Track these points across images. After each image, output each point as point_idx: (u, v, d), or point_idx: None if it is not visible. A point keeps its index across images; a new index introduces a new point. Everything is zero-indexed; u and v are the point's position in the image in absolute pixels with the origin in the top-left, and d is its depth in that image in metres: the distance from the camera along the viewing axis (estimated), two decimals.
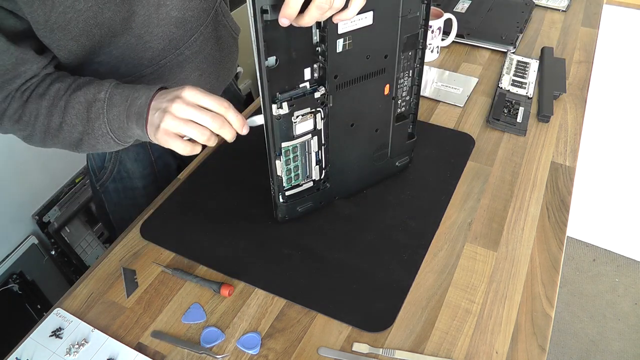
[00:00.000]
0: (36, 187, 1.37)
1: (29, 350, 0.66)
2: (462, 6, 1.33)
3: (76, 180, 1.47)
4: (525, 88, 1.05)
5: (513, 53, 1.17)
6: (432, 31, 1.12)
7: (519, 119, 0.98)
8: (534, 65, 1.11)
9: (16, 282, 1.29)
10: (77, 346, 0.66)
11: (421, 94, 0.91)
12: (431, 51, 1.16)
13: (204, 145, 0.65)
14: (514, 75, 1.09)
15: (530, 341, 0.65)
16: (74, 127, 0.70)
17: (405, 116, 0.81)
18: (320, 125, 0.71)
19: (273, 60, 0.62)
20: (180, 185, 0.88)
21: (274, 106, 0.66)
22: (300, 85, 0.67)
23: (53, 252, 1.40)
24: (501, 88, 1.05)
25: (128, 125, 0.68)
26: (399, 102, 0.79)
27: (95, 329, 0.68)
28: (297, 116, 0.68)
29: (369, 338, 0.66)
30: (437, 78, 1.11)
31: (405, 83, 0.77)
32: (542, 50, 1.16)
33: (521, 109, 1.00)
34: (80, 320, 0.69)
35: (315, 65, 0.67)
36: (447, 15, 1.14)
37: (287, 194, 0.76)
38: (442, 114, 1.02)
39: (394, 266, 0.73)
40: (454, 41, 1.20)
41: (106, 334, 0.67)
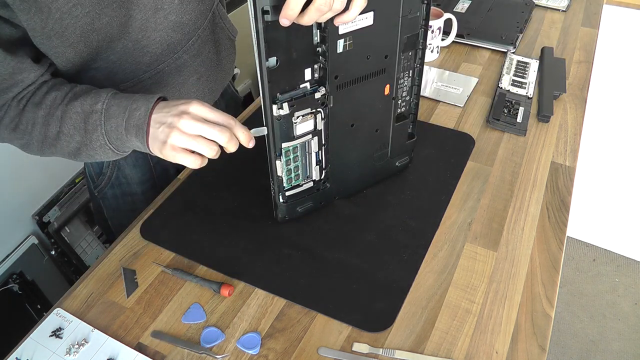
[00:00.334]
0: (36, 187, 1.37)
1: (29, 350, 0.66)
2: (462, 6, 1.33)
3: (76, 180, 1.47)
4: (525, 88, 1.05)
5: (513, 53, 1.17)
6: (432, 31, 1.12)
7: (519, 119, 0.98)
8: (534, 65, 1.11)
9: (16, 282, 1.29)
10: (77, 346, 0.66)
11: (421, 94, 0.91)
12: (431, 51, 1.16)
13: None
14: (514, 75, 1.09)
15: (530, 341, 0.65)
16: (71, 137, 0.69)
17: (405, 116, 0.81)
18: (320, 125, 0.72)
19: (274, 61, 0.62)
20: (180, 185, 0.88)
21: (275, 107, 0.66)
22: (301, 85, 0.67)
23: (53, 252, 1.40)
24: (501, 88, 1.05)
25: (127, 137, 0.67)
26: (399, 102, 0.79)
27: (95, 329, 0.68)
28: (298, 117, 0.68)
29: (369, 338, 0.66)
30: (437, 78, 1.11)
31: (406, 83, 0.77)
32: (542, 50, 1.16)
33: (521, 109, 1.00)
34: (80, 320, 0.69)
35: (316, 66, 0.67)
36: (447, 15, 1.14)
37: (287, 194, 0.76)
38: (442, 114, 1.02)
39: (394, 266, 0.73)
40: (454, 41, 1.20)
41: (106, 334, 0.67)
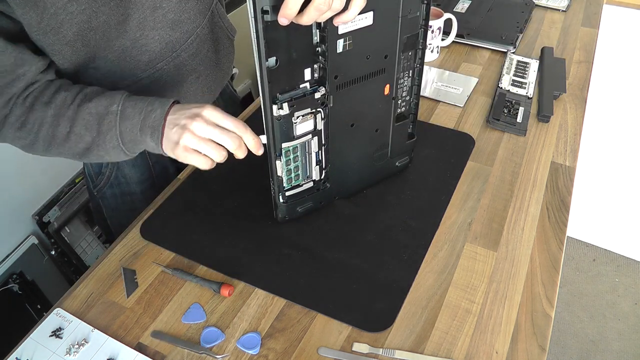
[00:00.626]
0: (36, 187, 1.37)
1: (29, 350, 0.66)
2: (462, 6, 1.33)
3: (76, 180, 1.47)
4: (525, 88, 1.05)
5: (513, 53, 1.17)
6: (432, 31, 1.12)
7: (519, 119, 0.98)
8: (534, 65, 1.11)
9: (16, 282, 1.29)
10: (77, 346, 0.66)
11: (421, 94, 0.91)
12: (431, 51, 1.16)
13: None
14: (514, 75, 1.09)
15: (530, 341, 0.65)
16: (81, 138, 0.69)
17: (405, 116, 0.81)
18: (320, 125, 0.72)
19: (273, 61, 0.62)
20: (180, 185, 0.88)
21: (275, 107, 0.66)
22: (301, 85, 0.67)
23: (53, 252, 1.40)
24: (501, 88, 1.05)
25: (142, 138, 0.68)
26: (399, 102, 0.79)
27: (95, 329, 0.68)
28: (298, 117, 0.68)
29: (369, 338, 0.66)
30: (437, 78, 1.11)
31: (405, 83, 0.77)
32: (542, 50, 1.16)
33: (521, 109, 1.00)
34: (80, 320, 0.69)
35: (316, 66, 0.67)
36: (447, 15, 1.14)
37: (287, 194, 0.76)
38: (442, 114, 1.02)
39: (394, 266, 0.73)
40: (454, 41, 1.20)
41: (106, 334, 0.67)
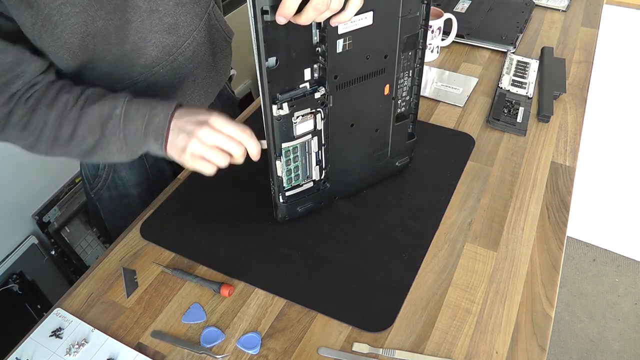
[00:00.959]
0: (36, 187, 1.37)
1: (29, 350, 0.66)
2: (462, 6, 1.33)
3: (76, 180, 1.47)
4: (525, 88, 1.05)
5: (513, 53, 1.17)
6: (432, 31, 1.12)
7: (519, 119, 0.98)
8: (534, 65, 1.11)
9: (16, 282, 1.29)
10: (77, 346, 0.66)
11: (421, 94, 0.91)
12: (431, 51, 1.16)
13: None
14: (514, 75, 1.09)
15: (530, 341, 0.65)
16: (84, 140, 0.70)
17: (405, 116, 0.81)
18: (320, 125, 0.72)
19: (273, 61, 0.62)
20: (180, 185, 0.88)
21: (275, 107, 0.66)
22: (301, 85, 0.67)
23: (53, 252, 1.40)
24: (501, 88, 1.05)
25: (146, 141, 0.69)
26: (399, 102, 0.79)
27: (95, 329, 0.68)
28: (298, 117, 0.68)
29: (369, 338, 0.66)
30: (437, 78, 1.11)
31: (405, 83, 0.77)
32: (542, 50, 1.16)
33: (521, 109, 1.00)
34: (80, 320, 0.69)
35: (315, 66, 0.67)
36: (447, 15, 1.14)
37: (287, 194, 0.76)
38: (442, 114, 1.02)
39: (394, 266, 0.73)
40: (454, 41, 1.20)
41: (106, 334, 0.67)
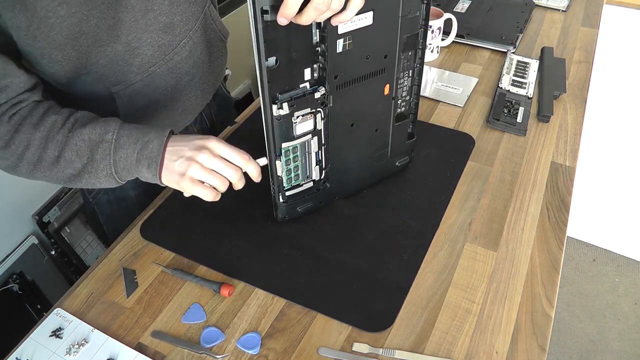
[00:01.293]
0: (36, 187, 1.37)
1: (29, 350, 0.66)
2: (462, 6, 1.33)
3: None
4: (525, 88, 1.05)
5: (513, 53, 1.17)
6: (432, 31, 1.12)
7: (519, 119, 0.98)
8: (534, 65, 1.11)
9: (16, 282, 1.29)
10: (77, 346, 0.66)
11: (421, 94, 0.91)
12: (431, 51, 1.16)
13: None
14: (514, 75, 1.09)
15: (530, 341, 0.65)
16: (70, 164, 0.68)
17: (405, 116, 0.81)
18: (320, 125, 0.71)
19: (273, 61, 0.62)
20: None
21: (275, 107, 0.66)
22: (301, 85, 0.67)
23: (53, 252, 1.39)
24: (501, 88, 1.05)
25: (137, 168, 0.68)
26: (399, 102, 0.79)
27: (95, 329, 0.68)
28: (297, 116, 0.68)
29: (369, 338, 0.66)
30: (437, 78, 1.11)
31: (405, 83, 0.77)
32: (542, 50, 1.16)
33: (521, 109, 1.00)
34: (80, 320, 0.69)
35: (315, 66, 0.67)
36: (447, 15, 1.14)
37: (287, 194, 0.76)
38: (442, 114, 1.02)
39: (394, 266, 0.73)
40: (454, 41, 1.20)
41: (106, 334, 0.67)
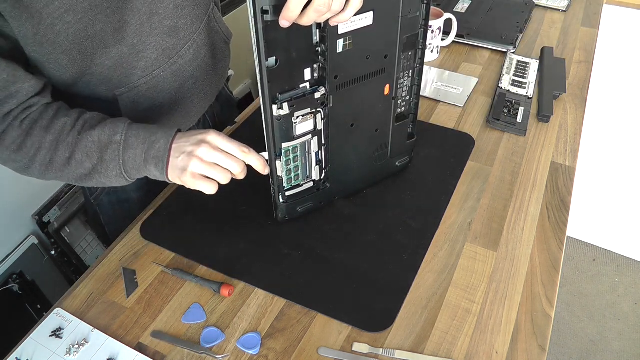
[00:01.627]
0: (36, 187, 1.37)
1: (29, 350, 0.66)
2: (462, 6, 1.33)
3: None
4: (525, 88, 1.05)
5: (513, 53, 1.17)
6: (432, 31, 1.12)
7: (519, 119, 0.98)
8: (534, 65, 1.11)
9: (16, 282, 1.29)
10: (77, 346, 0.66)
11: (421, 94, 0.91)
12: (431, 51, 1.16)
13: None
14: (514, 75, 1.09)
15: (530, 341, 0.65)
16: (81, 164, 0.69)
17: (405, 116, 0.81)
18: (320, 125, 0.71)
19: (273, 61, 0.62)
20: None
21: (275, 107, 0.66)
22: (301, 85, 0.67)
23: (53, 252, 1.39)
24: (501, 88, 1.05)
25: (146, 167, 0.69)
26: (399, 102, 0.79)
27: (95, 329, 0.68)
28: (298, 117, 0.68)
29: (369, 338, 0.66)
30: (437, 78, 1.11)
31: (405, 83, 0.77)
32: (542, 50, 1.16)
33: (521, 109, 1.00)
34: (80, 320, 0.69)
35: (316, 66, 0.67)
36: (447, 15, 1.14)
37: (287, 194, 0.76)
38: (442, 114, 1.02)
39: (394, 266, 0.73)
40: (454, 41, 1.20)
41: (106, 334, 0.67)
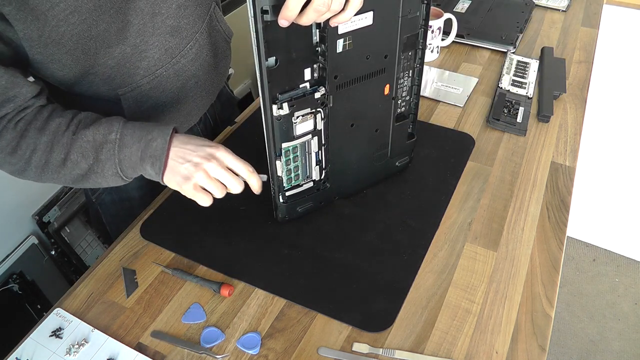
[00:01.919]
0: (36, 187, 1.37)
1: (29, 350, 0.66)
2: (462, 6, 1.33)
3: None
4: (525, 88, 1.05)
5: (513, 53, 1.17)
6: (432, 31, 1.12)
7: (519, 119, 0.98)
8: (534, 65, 1.11)
9: (16, 282, 1.29)
10: (77, 346, 0.66)
11: (421, 94, 0.91)
12: (431, 51, 1.16)
13: None
14: (514, 75, 1.09)
15: (530, 341, 0.65)
16: (77, 165, 0.69)
17: (405, 116, 0.81)
18: (320, 125, 0.71)
19: (273, 61, 0.62)
20: None
21: (275, 107, 0.66)
22: (301, 85, 0.67)
23: (53, 252, 1.39)
24: (501, 88, 1.05)
25: (142, 166, 0.69)
26: (399, 102, 0.79)
27: (95, 329, 0.68)
28: (298, 116, 0.68)
29: (369, 338, 0.66)
30: (437, 78, 1.11)
31: (405, 83, 0.77)
32: (542, 50, 1.16)
33: (521, 109, 1.00)
34: (80, 320, 0.69)
35: (315, 66, 0.67)
36: (447, 15, 1.14)
37: (287, 194, 0.76)
38: (442, 114, 1.02)
39: (394, 266, 0.73)
40: (454, 41, 1.20)
41: (106, 334, 0.67)
